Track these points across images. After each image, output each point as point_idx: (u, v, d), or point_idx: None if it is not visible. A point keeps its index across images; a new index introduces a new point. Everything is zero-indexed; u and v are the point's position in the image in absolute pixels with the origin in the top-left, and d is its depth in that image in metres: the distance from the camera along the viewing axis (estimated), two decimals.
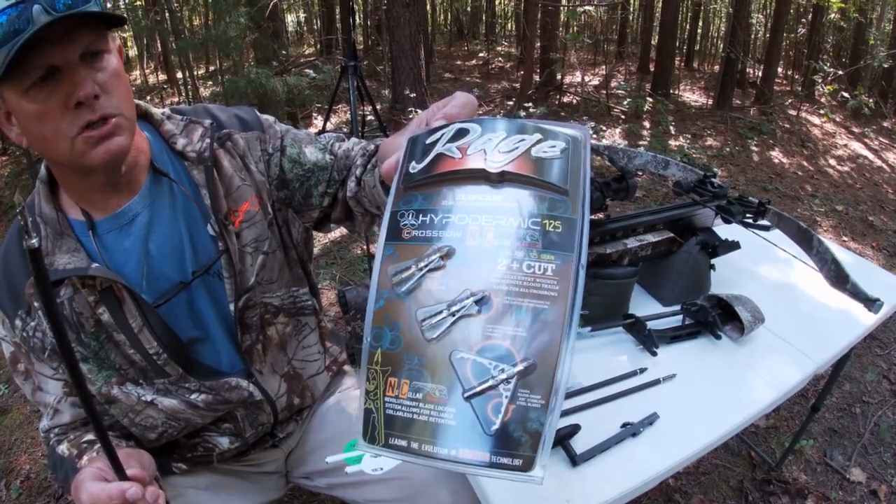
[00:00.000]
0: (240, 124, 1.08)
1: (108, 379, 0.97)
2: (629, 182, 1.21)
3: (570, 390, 1.07)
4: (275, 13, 5.68)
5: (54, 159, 0.90)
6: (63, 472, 0.96)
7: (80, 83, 0.81)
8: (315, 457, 1.30)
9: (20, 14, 0.77)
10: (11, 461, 2.75)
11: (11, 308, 0.95)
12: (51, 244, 0.93)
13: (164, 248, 0.99)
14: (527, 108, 6.50)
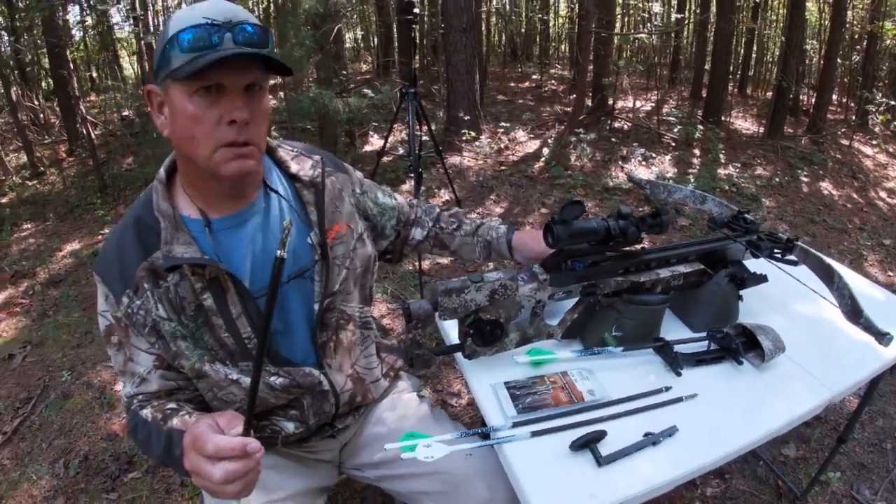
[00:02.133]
0: (335, 166, 1.32)
1: (201, 357, 1.15)
2: (663, 218, 1.32)
3: (600, 402, 1.19)
4: (337, 35, 5.91)
5: (192, 158, 1.07)
6: (146, 432, 1.11)
7: (240, 107, 1.01)
8: (368, 450, 1.45)
9: (214, 33, 0.98)
10: (71, 442, 2.96)
11: (120, 287, 1.11)
12: (169, 235, 1.09)
13: (267, 251, 1.17)
14: (577, 134, 6.56)
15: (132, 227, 1.14)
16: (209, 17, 0.98)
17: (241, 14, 1.02)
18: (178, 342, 1.13)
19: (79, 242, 5.95)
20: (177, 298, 1.11)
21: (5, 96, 11.75)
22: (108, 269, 1.13)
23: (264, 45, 1.02)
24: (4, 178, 8.54)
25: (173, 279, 1.11)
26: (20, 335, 4.25)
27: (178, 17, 1.02)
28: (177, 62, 0.99)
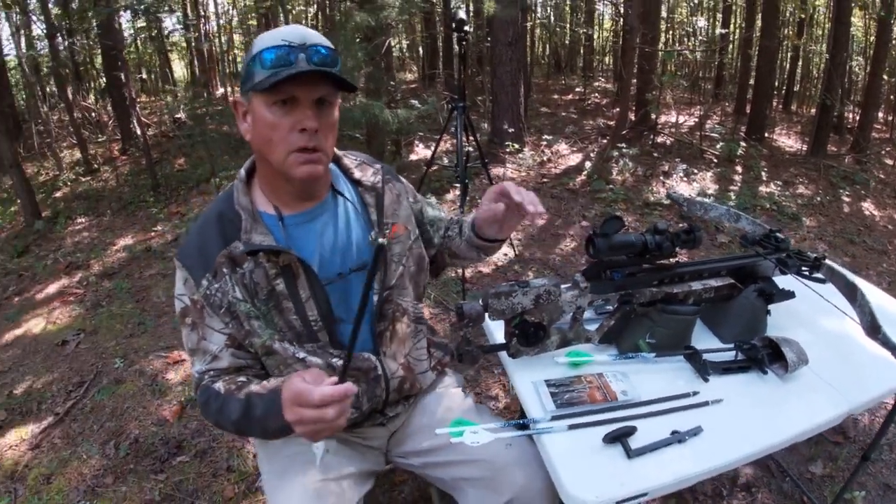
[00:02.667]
0: (392, 176, 1.47)
1: (271, 336, 1.30)
2: (696, 234, 1.42)
3: (632, 402, 1.29)
4: (386, 47, 6.04)
5: (269, 160, 1.24)
6: (219, 402, 1.26)
7: (310, 117, 1.18)
8: (415, 439, 1.57)
9: (291, 53, 1.16)
10: (122, 425, 3.10)
11: (200, 271, 1.27)
12: (249, 226, 1.25)
13: (332, 245, 1.33)
14: (620, 148, 6.59)
15: (214, 219, 1.30)
16: (287, 39, 1.16)
17: (315, 38, 1.19)
18: (251, 321, 1.29)
19: (132, 238, 6.14)
20: (251, 283, 1.27)
21: (59, 95, 12.16)
22: (190, 255, 1.30)
23: (334, 64, 1.19)
24: (59, 174, 8.82)
25: (249, 266, 1.27)
26: (74, 323, 4.43)
27: (261, 39, 1.19)
28: (259, 77, 1.16)
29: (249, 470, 2.67)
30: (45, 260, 5.88)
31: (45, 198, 7.83)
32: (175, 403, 3.22)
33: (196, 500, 2.56)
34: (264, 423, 1.20)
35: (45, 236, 6.57)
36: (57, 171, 8.99)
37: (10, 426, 3.26)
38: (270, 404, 1.18)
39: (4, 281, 5.58)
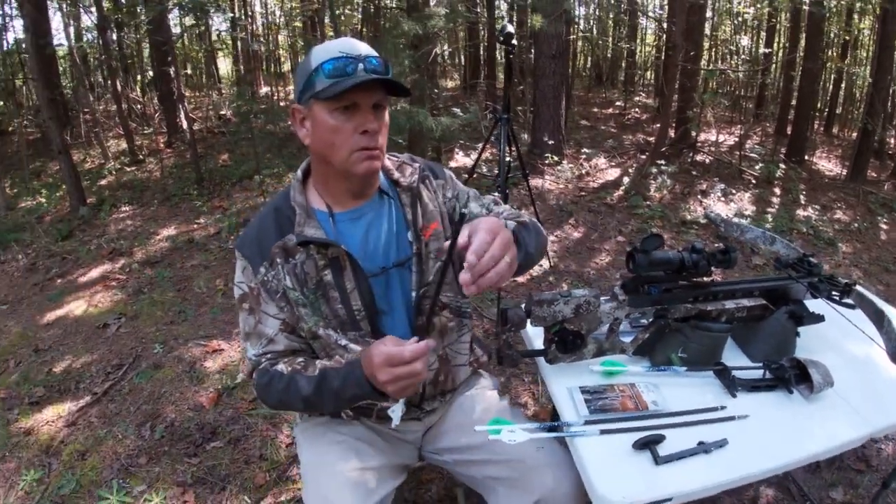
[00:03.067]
0: (433, 173, 1.54)
1: (316, 322, 1.40)
2: (731, 255, 1.47)
3: (661, 412, 1.35)
4: (432, 56, 6.12)
5: (330, 161, 1.35)
6: (285, 381, 1.36)
7: (371, 120, 1.30)
8: (449, 436, 1.63)
9: (349, 64, 1.26)
10: (159, 409, 3.18)
11: (258, 260, 1.39)
12: (304, 220, 1.37)
13: (377, 241, 1.43)
14: (659, 165, 6.60)
15: (272, 214, 1.43)
16: (345, 51, 1.27)
17: (366, 49, 1.31)
18: (299, 308, 1.39)
19: (175, 229, 6.26)
20: (302, 273, 1.38)
21: (107, 86, 12.43)
22: (249, 245, 1.42)
23: (386, 73, 1.30)
24: (105, 162, 9.02)
25: (301, 257, 1.38)
26: (115, 307, 4.56)
27: (318, 52, 1.30)
28: (320, 86, 1.27)
29: (281, 459, 2.74)
30: (89, 245, 6.03)
31: (91, 185, 8.01)
32: (212, 391, 3.31)
33: (227, 486, 2.63)
34: (340, 394, 1.30)
35: (90, 222, 6.73)
36: (103, 160, 9.20)
37: (48, 402, 3.38)
38: (348, 375, 1.28)
39: (48, 263, 5.74)
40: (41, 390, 3.50)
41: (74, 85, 11.50)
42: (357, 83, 1.24)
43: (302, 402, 1.35)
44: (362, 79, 1.24)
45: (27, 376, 3.69)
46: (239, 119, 8.87)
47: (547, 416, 2.75)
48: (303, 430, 1.66)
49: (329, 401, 1.33)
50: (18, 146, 9.71)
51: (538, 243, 1.46)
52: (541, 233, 1.51)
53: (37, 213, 7.18)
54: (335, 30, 7.54)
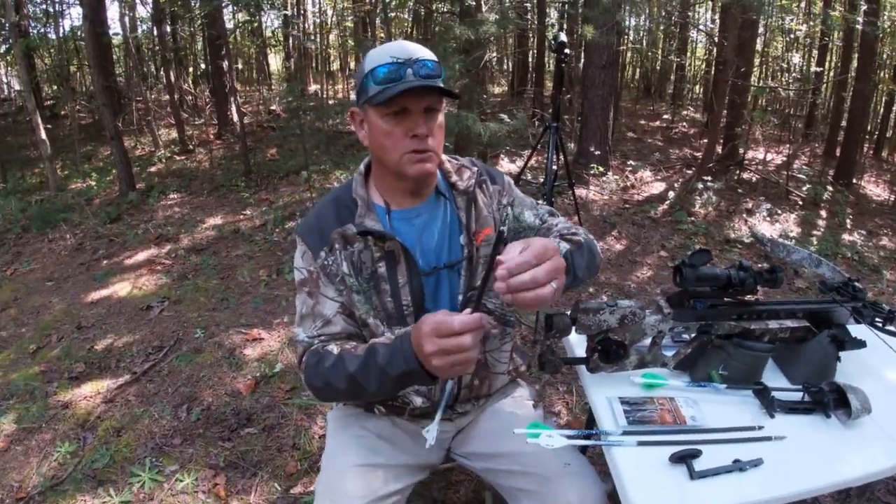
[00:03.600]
0: (490, 178, 1.56)
1: (367, 311, 1.43)
2: (778, 275, 1.47)
3: (699, 427, 1.36)
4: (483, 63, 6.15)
5: (384, 162, 1.39)
6: (333, 360, 1.32)
7: (420, 125, 1.32)
8: (480, 441, 1.65)
9: (399, 69, 1.29)
10: (197, 392, 3.26)
11: (317, 245, 1.43)
12: (364, 212, 1.41)
13: (430, 241, 1.46)
14: (705, 181, 6.54)
15: (332, 203, 1.48)
16: (395, 56, 1.30)
17: (419, 52, 1.33)
18: (353, 295, 1.43)
19: (221, 218, 6.39)
20: (358, 262, 1.42)
21: (159, 76, 12.68)
22: (310, 231, 1.46)
23: (438, 76, 1.33)
24: (155, 150, 9.22)
25: (359, 246, 1.42)
26: (159, 291, 4.69)
27: (371, 57, 1.33)
28: (372, 91, 1.31)
29: (314, 449, 2.79)
30: (136, 229, 6.19)
31: (140, 171, 8.21)
32: (250, 378, 3.38)
33: (258, 471, 2.69)
34: (386, 370, 1.22)
35: (138, 207, 6.91)
36: (153, 148, 9.41)
37: (88, 378, 3.48)
38: (396, 348, 1.21)
39: (95, 244, 5.91)
40: (81, 366, 3.62)
41: (128, 74, 11.78)
42: (405, 90, 1.27)
43: (346, 380, 1.29)
44: (409, 85, 1.27)
45: (69, 352, 3.81)
46: (288, 115, 9.00)
47: (580, 426, 2.73)
48: (334, 417, 1.71)
49: (374, 378, 1.25)
50: (71, 129, 9.98)
51: (590, 265, 1.46)
52: (595, 254, 1.51)
53: (86, 196, 7.39)
54: (386, 32, 7.63)
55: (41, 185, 8.20)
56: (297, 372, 2.72)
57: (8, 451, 2.92)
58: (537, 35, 11.55)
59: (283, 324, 4.04)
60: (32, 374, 3.57)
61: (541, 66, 12.32)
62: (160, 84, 12.78)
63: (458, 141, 5.78)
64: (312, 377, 1.36)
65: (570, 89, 8.82)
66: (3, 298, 4.88)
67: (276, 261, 5.16)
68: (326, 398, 1.42)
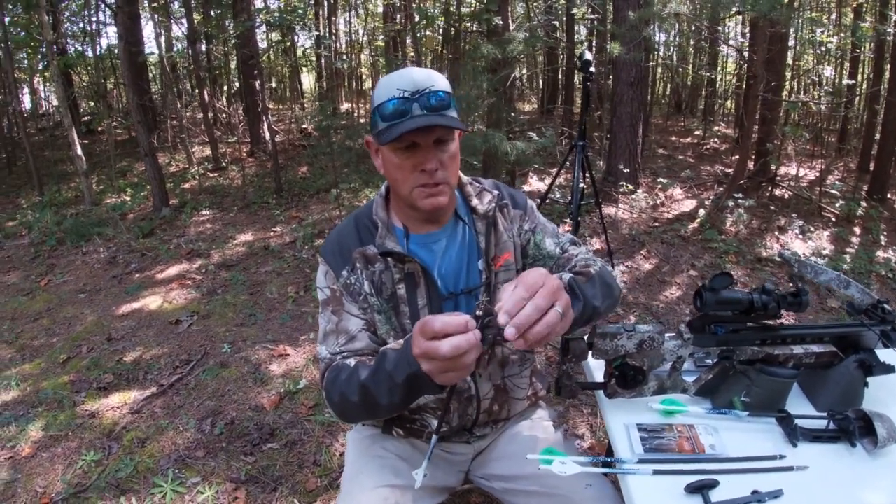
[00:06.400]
0: (512, 202, 1.55)
1: (387, 331, 1.43)
2: (803, 298, 1.44)
3: (718, 456, 1.33)
4: (510, 80, 6.16)
5: (397, 193, 1.40)
6: (349, 372, 1.31)
7: (430, 159, 1.30)
8: (498, 463, 1.64)
9: (405, 104, 1.27)
10: (221, 406, 3.29)
11: (340, 265, 1.44)
12: (384, 233, 1.41)
13: (449, 266, 1.46)
14: (736, 198, 6.45)
15: (353, 223, 1.48)
16: (402, 88, 1.27)
17: (427, 81, 1.29)
18: (375, 314, 1.43)
19: (252, 235, 6.48)
20: (379, 282, 1.42)
21: (193, 94, 12.90)
22: (332, 251, 1.47)
23: (446, 106, 1.30)
24: (188, 167, 9.38)
25: (379, 267, 1.42)
26: (189, 305, 4.75)
27: (380, 89, 1.32)
28: (380, 127, 1.30)
29: (334, 467, 2.80)
30: (169, 244, 6.30)
31: (174, 187, 8.36)
32: (274, 394, 3.40)
33: (279, 487, 2.70)
34: (393, 376, 1.16)
35: (171, 223, 7.03)
36: (187, 165, 9.58)
37: (116, 389, 3.55)
38: (402, 353, 1.16)
39: (128, 258, 6.03)
40: (110, 377, 3.68)
41: (163, 92, 12.03)
42: (410, 129, 1.25)
43: (359, 390, 1.26)
44: (415, 124, 1.24)
45: (98, 362, 3.89)
46: (319, 133, 9.13)
47: (603, 450, 2.72)
48: (353, 438, 1.71)
49: (383, 385, 1.20)
50: (107, 145, 10.19)
51: (606, 295, 1.41)
52: (611, 284, 1.46)
53: (120, 210, 7.54)
54: (416, 51, 7.69)
55: (77, 198, 8.40)
56: (320, 390, 2.74)
57: (34, 458, 2.99)
58: (567, 52, 11.55)
59: (308, 340, 4.07)
60: (62, 384, 3.64)
61: (570, 83, 12.31)
62: (194, 102, 13.03)
63: (486, 160, 5.79)
64: (331, 392, 1.34)
65: (600, 107, 8.79)
66: (36, 308, 4.99)
67: (304, 278, 5.20)
68: (343, 414, 1.38)
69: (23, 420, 3.30)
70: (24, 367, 3.96)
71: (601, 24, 8.69)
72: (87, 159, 7.81)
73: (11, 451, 3.05)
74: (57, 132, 12.76)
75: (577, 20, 11.92)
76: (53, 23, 9.79)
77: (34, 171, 8.87)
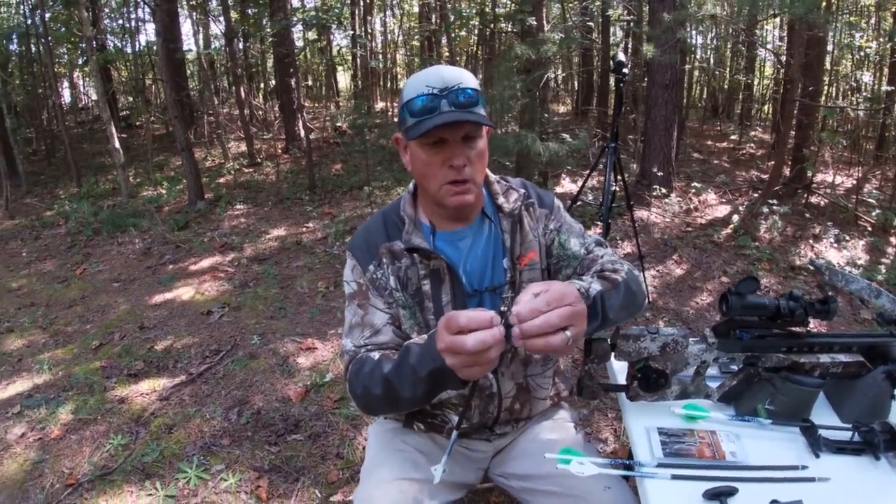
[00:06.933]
0: (539, 201, 1.55)
1: (411, 326, 1.44)
2: (830, 306, 1.42)
3: (739, 464, 1.31)
4: (545, 81, 6.14)
5: (424, 189, 1.41)
6: (372, 365, 1.32)
7: (457, 155, 1.31)
8: (518, 462, 1.64)
9: (434, 100, 1.28)
10: (248, 396, 3.35)
11: (367, 259, 1.46)
12: (411, 229, 1.42)
13: (474, 264, 1.47)
14: (771, 205, 6.35)
15: (381, 219, 1.50)
16: (430, 85, 1.29)
17: (456, 79, 1.30)
18: (400, 309, 1.45)
19: (285, 230, 6.57)
20: (405, 277, 1.44)
21: (230, 91, 13.07)
22: (359, 246, 1.49)
23: (474, 103, 1.31)
24: (224, 162, 9.51)
25: (405, 262, 1.44)
26: (220, 297, 4.85)
27: (409, 86, 1.33)
28: (409, 123, 1.32)
29: (356, 460, 2.83)
30: (203, 237, 6.41)
31: (209, 182, 8.50)
32: (301, 386, 3.45)
33: (301, 477, 2.74)
34: (416, 368, 1.19)
35: (205, 216, 7.15)
36: (222, 160, 9.71)
37: (146, 376, 3.64)
38: (426, 346, 1.19)
39: (162, 249, 6.17)
40: (141, 364, 3.77)
41: (201, 88, 12.21)
42: (438, 124, 1.26)
43: (382, 383, 1.27)
44: (443, 120, 1.25)
45: (129, 350, 3.99)
46: (354, 132, 9.20)
47: (626, 455, 2.71)
48: (375, 430, 1.72)
49: (407, 378, 1.22)
50: (144, 140, 10.36)
51: (629, 304, 1.40)
52: (637, 292, 1.45)
53: (156, 203, 7.70)
54: (450, 51, 7.70)
55: (113, 190, 8.58)
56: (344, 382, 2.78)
57: (63, 440, 3.07)
58: (602, 54, 11.47)
59: (337, 335, 4.11)
60: (93, 369, 3.74)
61: (605, 85, 12.22)
62: (231, 99, 13.19)
63: (519, 160, 5.78)
64: (354, 384, 1.36)
65: (634, 109, 8.71)
66: (71, 296, 5.13)
67: (334, 273, 5.26)
68: (366, 407, 1.39)
69: (53, 403, 3.40)
70: (57, 351, 4.08)
71: (636, 25, 8.62)
72: (124, 153, 7.96)
73: (41, 432, 3.14)
74: (95, 126, 13.04)
75: (612, 21, 11.84)
76: (93, 19, 9.98)
77: (72, 163, 9.09)
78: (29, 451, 2.99)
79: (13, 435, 3.13)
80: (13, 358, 4.05)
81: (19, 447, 3.03)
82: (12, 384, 3.67)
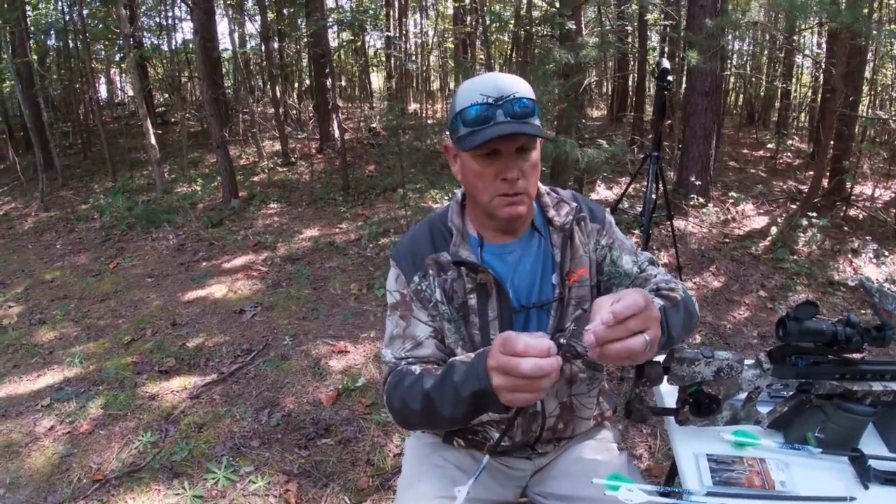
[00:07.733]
0: (590, 215, 1.50)
1: (456, 341, 1.41)
2: (887, 333, 1.38)
3: (788, 494, 1.28)
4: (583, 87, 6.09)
5: (475, 200, 1.37)
6: (413, 379, 1.29)
7: (511, 168, 1.27)
8: (558, 482, 1.61)
9: (488, 109, 1.24)
10: (279, 398, 3.35)
11: (411, 269, 1.42)
12: (458, 241, 1.39)
13: (522, 279, 1.43)
14: (809, 217, 6.22)
15: (427, 229, 1.46)
16: (485, 93, 1.25)
17: (510, 87, 1.26)
18: (444, 322, 1.41)
19: (318, 230, 6.59)
20: (451, 290, 1.40)
21: (265, 90, 13.20)
22: (404, 257, 1.45)
23: (530, 113, 1.26)
24: (258, 161, 9.58)
25: (452, 274, 1.40)
26: (253, 296, 4.86)
27: (462, 94, 1.29)
28: (461, 133, 1.28)
29: (387, 467, 2.81)
30: (236, 235, 6.47)
31: (244, 180, 8.57)
32: (332, 389, 3.44)
33: (330, 483, 2.72)
34: (459, 389, 1.14)
35: (239, 214, 7.21)
36: (257, 158, 9.79)
37: (177, 374, 3.66)
38: (472, 366, 1.14)
39: (196, 246, 6.22)
40: (172, 361, 3.81)
41: (236, 87, 12.34)
42: (492, 137, 1.22)
43: (422, 399, 1.24)
44: (499, 132, 1.21)
45: (161, 346, 4.02)
46: (388, 133, 9.23)
47: (662, 473, 2.67)
48: (412, 444, 1.70)
49: (448, 396, 1.18)
50: (180, 136, 10.48)
51: (686, 324, 1.37)
52: (693, 313, 1.42)
53: (191, 200, 7.78)
54: (486, 54, 7.68)
55: (148, 186, 8.70)
56: (380, 392, 2.77)
57: (92, 434, 3.10)
58: (638, 59, 11.37)
59: (369, 339, 4.10)
60: (124, 364, 3.78)
61: (641, 90, 12.12)
62: (266, 98, 13.31)
63: (555, 166, 5.75)
64: (392, 397, 1.33)
65: (671, 116, 8.62)
66: (103, 290, 5.20)
67: (367, 275, 5.25)
68: (404, 421, 1.36)
69: (83, 397, 3.44)
70: (89, 345, 4.13)
71: (674, 30, 8.52)
72: (159, 149, 8.07)
73: (70, 426, 3.18)
74: (131, 121, 13.24)
75: (649, 26, 11.73)
76: (130, 16, 10.14)
77: (108, 158, 9.22)
78: (57, 445, 3.02)
79: (42, 427, 3.17)
80: (45, 350, 4.11)
81: (48, 440, 3.07)
82: (43, 376, 3.73)
